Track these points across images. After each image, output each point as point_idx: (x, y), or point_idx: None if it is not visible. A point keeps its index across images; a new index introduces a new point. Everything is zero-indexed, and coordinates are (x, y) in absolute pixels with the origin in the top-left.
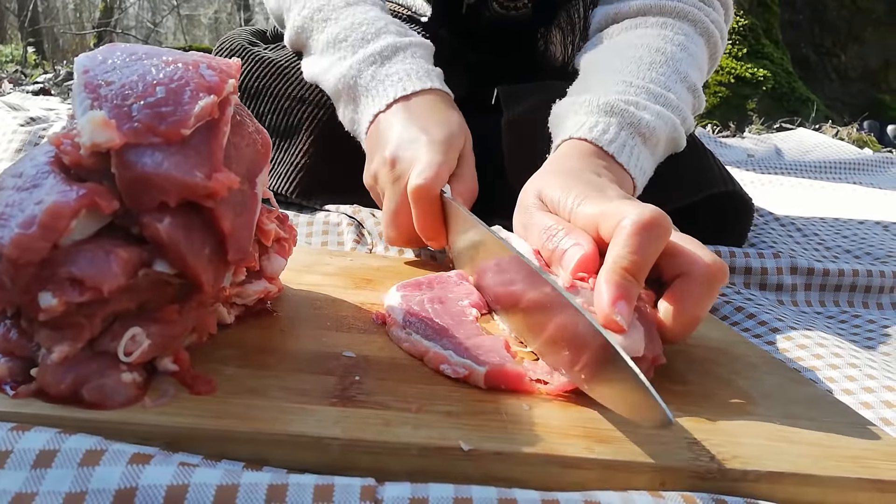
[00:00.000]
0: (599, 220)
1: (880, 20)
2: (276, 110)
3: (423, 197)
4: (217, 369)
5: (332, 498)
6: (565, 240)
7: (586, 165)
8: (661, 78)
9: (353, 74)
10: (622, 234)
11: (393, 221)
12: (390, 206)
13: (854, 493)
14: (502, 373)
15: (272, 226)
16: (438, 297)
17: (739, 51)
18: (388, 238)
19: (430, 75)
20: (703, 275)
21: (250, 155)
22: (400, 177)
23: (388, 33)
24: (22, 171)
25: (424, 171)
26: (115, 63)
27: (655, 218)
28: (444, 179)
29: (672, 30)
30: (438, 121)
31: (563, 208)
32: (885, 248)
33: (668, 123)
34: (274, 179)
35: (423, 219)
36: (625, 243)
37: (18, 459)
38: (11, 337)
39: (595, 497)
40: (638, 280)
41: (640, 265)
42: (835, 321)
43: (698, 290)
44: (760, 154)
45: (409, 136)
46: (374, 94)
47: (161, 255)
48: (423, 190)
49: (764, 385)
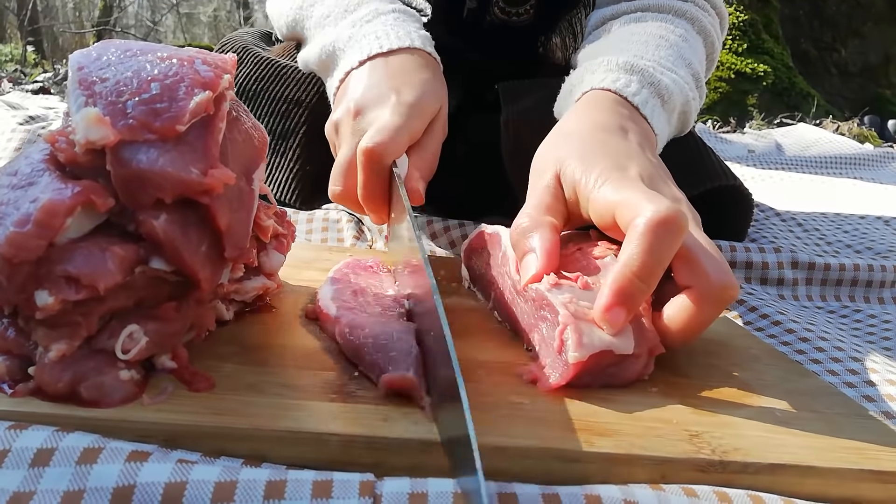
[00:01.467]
0: (616, 209)
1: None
2: (273, 113)
3: (371, 161)
4: (216, 366)
5: (330, 493)
6: (526, 239)
7: (612, 119)
8: (667, 59)
9: (331, 41)
10: (635, 233)
11: (340, 176)
12: (342, 160)
13: (856, 484)
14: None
15: (270, 222)
16: (362, 289)
17: (739, 46)
18: (331, 192)
19: (410, 35)
20: (711, 295)
21: (247, 151)
22: (359, 131)
23: (372, 1)
24: (17, 170)
25: (381, 132)
26: (110, 60)
27: (671, 217)
28: (399, 147)
29: (672, 24)
30: (412, 82)
31: (582, 190)
32: (886, 242)
33: (682, 93)
34: (273, 186)
35: (367, 184)
36: (637, 243)
37: (16, 458)
38: (8, 335)
39: (595, 490)
40: (649, 284)
41: (651, 268)
42: (836, 316)
43: (704, 307)
44: (761, 150)
45: (378, 91)
46: (350, 53)
47: (157, 252)
48: (374, 154)
49: (765, 377)
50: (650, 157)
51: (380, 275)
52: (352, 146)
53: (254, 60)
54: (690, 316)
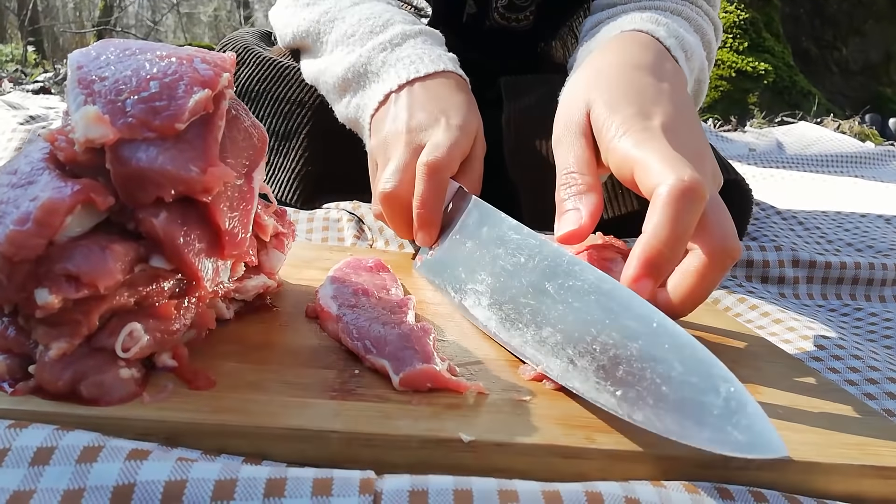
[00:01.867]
0: (635, 167)
1: (881, 13)
2: (275, 114)
3: (433, 172)
4: (216, 365)
5: (331, 491)
6: (572, 199)
7: (646, 55)
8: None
9: (362, 62)
10: (659, 203)
11: (395, 176)
12: (398, 164)
13: (858, 480)
14: (415, 377)
15: (270, 221)
16: (364, 289)
17: (740, 45)
18: (382, 192)
19: (442, 58)
20: (714, 255)
21: (246, 149)
22: (416, 146)
23: (397, 23)
24: (17, 168)
25: (439, 148)
26: (109, 59)
27: (693, 186)
28: (455, 163)
29: (671, 20)
30: (455, 105)
31: (604, 137)
32: (888, 241)
33: (699, 56)
34: (274, 186)
35: (427, 197)
36: (661, 213)
37: (16, 457)
38: (9, 334)
39: (596, 487)
40: (675, 253)
41: (677, 237)
42: (837, 314)
43: (708, 270)
44: (762, 148)
45: (427, 114)
46: (386, 77)
47: (157, 250)
48: (436, 166)
49: (767, 374)
50: (678, 100)
51: (380, 275)
52: (406, 155)
53: (256, 61)
54: (695, 279)
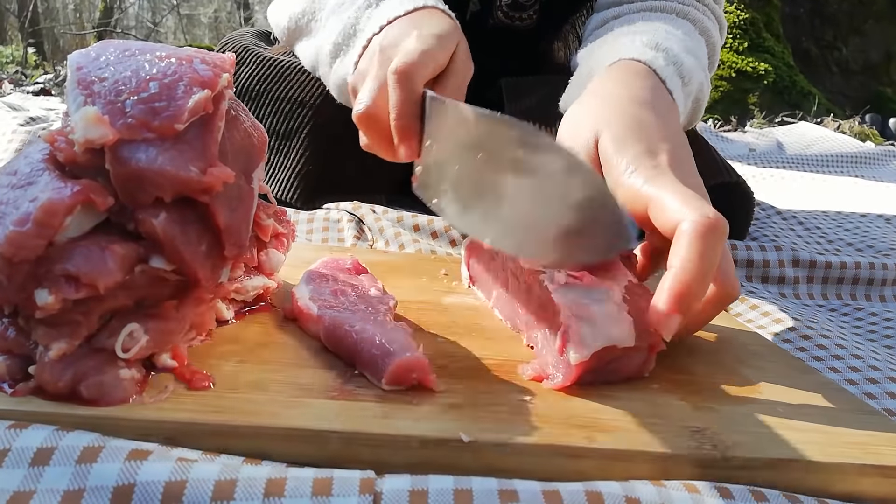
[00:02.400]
0: (650, 204)
1: (881, 13)
2: (276, 113)
3: (403, 79)
4: (216, 365)
5: (331, 491)
6: None
7: (644, 91)
8: (680, 48)
9: (351, 23)
10: (686, 240)
11: (369, 94)
12: (371, 83)
13: (858, 479)
14: (397, 372)
15: (270, 221)
16: (342, 289)
17: (740, 45)
18: (357, 112)
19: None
20: (719, 294)
21: (246, 149)
22: (384, 62)
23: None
24: (17, 169)
25: (409, 55)
26: (109, 59)
27: (717, 221)
28: (427, 69)
29: (674, 24)
30: (431, 22)
31: (612, 170)
32: (888, 240)
33: (698, 78)
34: (274, 186)
35: (401, 107)
36: (690, 249)
37: (16, 457)
38: (9, 335)
39: (596, 487)
40: (703, 288)
41: (705, 273)
42: (837, 314)
43: (709, 307)
44: (762, 148)
45: (399, 31)
46: (370, 23)
47: (157, 251)
48: (406, 72)
49: (767, 373)
50: (676, 138)
51: (359, 276)
52: (379, 71)
53: (256, 60)
54: (693, 313)
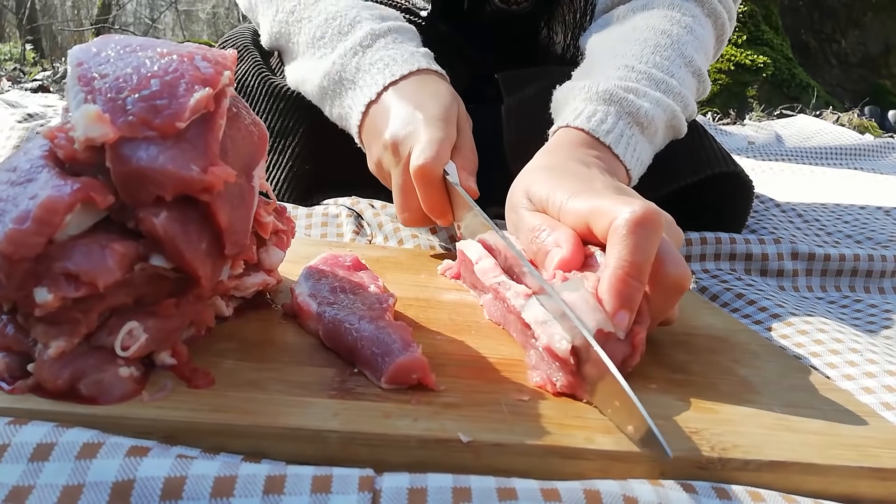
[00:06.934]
0: (589, 217)
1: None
2: (272, 111)
3: (426, 176)
4: (216, 363)
5: (330, 488)
6: (548, 240)
7: (575, 156)
8: (664, 63)
9: (336, 70)
10: (618, 235)
11: (402, 203)
12: (398, 189)
13: (855, 481)
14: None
15: (270, 218)
16: (342, 286)
17: (739, 38)
18: (401, 220)
19: (415, 57)
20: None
21: (247, 147)
22: (402, 159)
23: (364, 20)
24: (16, 166)
25: (425, 150)
26: (109, 55)
27: (648, 214)
28: (445, 156)
29: (679, 11)
30: (430, 94)
31: (551, 206)
32: (887, 232)
33: (667, 111)
34: (271, 184)
35: (428, 198)
36: (622, 244)
37: (16, 453)
38: (8, 332)
39: (595, 486)
40: (642, 281)
41: (641, 266)
42: (836, 306)
43: (659, 297)
44: (761, 141)
45: (404, 116)
46: (362, 84)
47: (157, 249)
48: (426, 170)
49: (765, 373)
50: (617, 182)
51: (358, 273)
52: (400, 174)
53: (255, 57)
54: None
